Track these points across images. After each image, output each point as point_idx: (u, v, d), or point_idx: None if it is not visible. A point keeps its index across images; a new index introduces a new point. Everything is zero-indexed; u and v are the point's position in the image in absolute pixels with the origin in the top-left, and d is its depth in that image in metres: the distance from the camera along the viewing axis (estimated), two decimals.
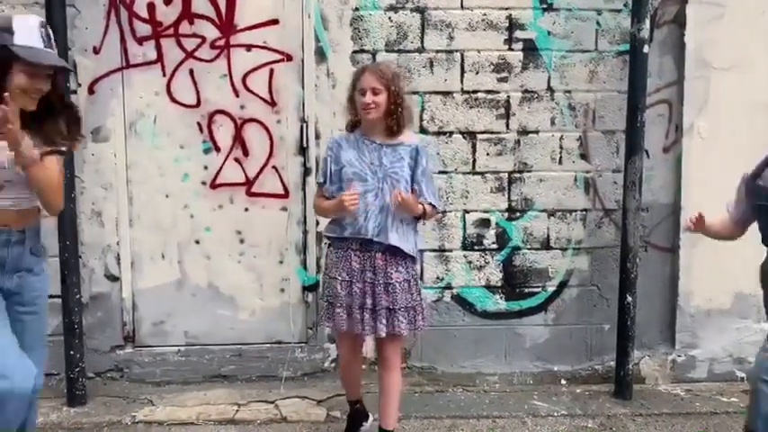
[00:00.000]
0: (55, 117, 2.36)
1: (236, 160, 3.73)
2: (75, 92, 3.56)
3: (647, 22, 3.53)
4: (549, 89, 3.79)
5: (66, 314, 3.51)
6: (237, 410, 3.46)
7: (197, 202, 3.74)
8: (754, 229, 2.73)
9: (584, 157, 3.84)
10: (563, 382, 3.90)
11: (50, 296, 3.53)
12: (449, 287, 3.85)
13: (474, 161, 3.82)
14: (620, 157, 3.73)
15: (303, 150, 3.73)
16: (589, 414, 3.52)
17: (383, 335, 2.85)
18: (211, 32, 3.64)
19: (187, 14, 3.62)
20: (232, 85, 3.68)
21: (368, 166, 2.85)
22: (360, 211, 2.80)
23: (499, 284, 3.89)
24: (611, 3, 3.74)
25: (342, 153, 2.89)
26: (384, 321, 2.84)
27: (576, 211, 3.86)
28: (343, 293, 2.87)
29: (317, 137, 3.73)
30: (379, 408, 2.98)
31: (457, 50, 3.75)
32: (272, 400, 3.59)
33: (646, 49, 3.53)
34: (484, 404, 3.60)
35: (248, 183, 3.74)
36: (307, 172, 3.75)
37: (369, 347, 3.56)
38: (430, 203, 2.88)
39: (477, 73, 3.77)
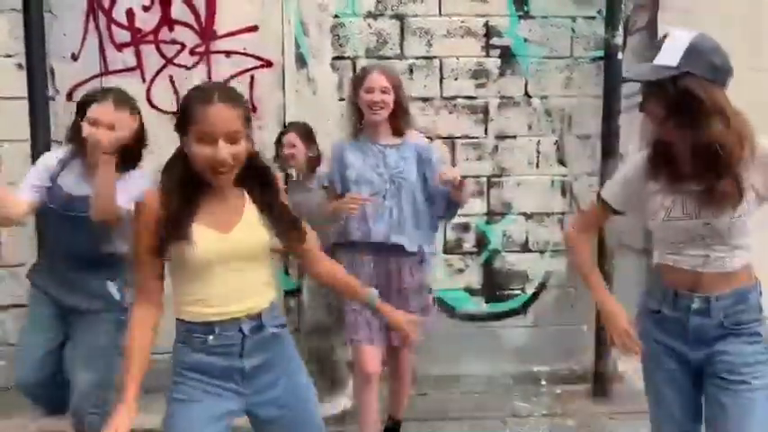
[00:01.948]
0: None
1: None
2: (53, 98, 3.53)
3: (621, 28, 3.62)
4: (526, 95, 3.86)
5: None
6: None
7: None
8: None
9: (560, 161, 3.92)
10: (543, 382, 3.96)
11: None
12: (429, 291, 3.89)
13: (453, 166, 3.87)
14: (596, 161, 3.81)
15: None
16: (568, 414, 3.59)
17: (395, 343, 2.80)
18: (191, 39, 3.64)
19: (166, 21, 3.61)
20: None
21: (372, 169, 2.78)
22: (368, 215, 2.76)
23: (479, 287, 3.94)
24: (586, 10, 3.83)
25: (346, 155, 2.84)
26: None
27: (553, 214, 3.93)
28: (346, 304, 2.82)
29: None
30: (390, 398, 3.05)
31: (436, 57, 3.80)
32: None
33: (620, 55, 3.61)
34: (465, 405, 3.65)
35: None
36: (288, 177, 3.76)
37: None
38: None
39: (455, 79, 3.82)
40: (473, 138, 3.86)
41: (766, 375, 1.85)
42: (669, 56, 1.75)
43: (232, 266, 1.80)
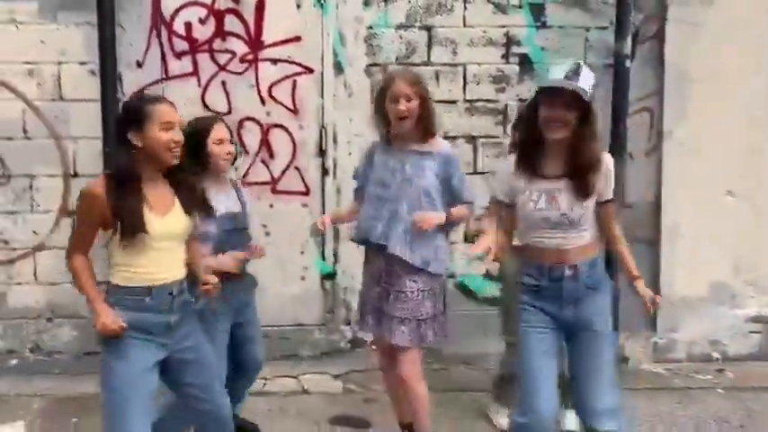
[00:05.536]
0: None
1: (263, 162, 4.16)
2: (121, 101, 3.96)
3: (630, 39, 3.94)
4: None
5: None
6: (265, 384, 3.82)
7: None
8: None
9: None
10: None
11: None
12: (452, 276, 4.25)
13: (475, 163, 4.24)
14: None
15: (322, 153, 4.15)
16: None
17: (390, 342, 2.80)
18: (241, 48, 4.06)
19: (220, 32, 4.04)
20: (259, 94, 4.09)
21: (390, 171, 2.79)
22: (370, 216, 2.83)
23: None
24: (598, 21, 4.14)
25: (374, 155, 2.90)
26: (390, 331, 2.78)
27: None
28: (364, 298, 2.93)
29: (335, 141, 4.15)
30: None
31: (460, 64, 4.16)
32: (295, 375, 3.99)
33: (628, 63, 3.93)
34: (484, 379, 3.93)
35: (273, 182, 4.15)
36: (325, 172, 4.16)
37: None
38: (464, 203, 2.88)
39: (477, 84, 4.18)
40: (493, 137, 4.21)
41: (609, 323, 2.54)
42: (586, 82, 2.37)
43: (164, 245, 2.27)
